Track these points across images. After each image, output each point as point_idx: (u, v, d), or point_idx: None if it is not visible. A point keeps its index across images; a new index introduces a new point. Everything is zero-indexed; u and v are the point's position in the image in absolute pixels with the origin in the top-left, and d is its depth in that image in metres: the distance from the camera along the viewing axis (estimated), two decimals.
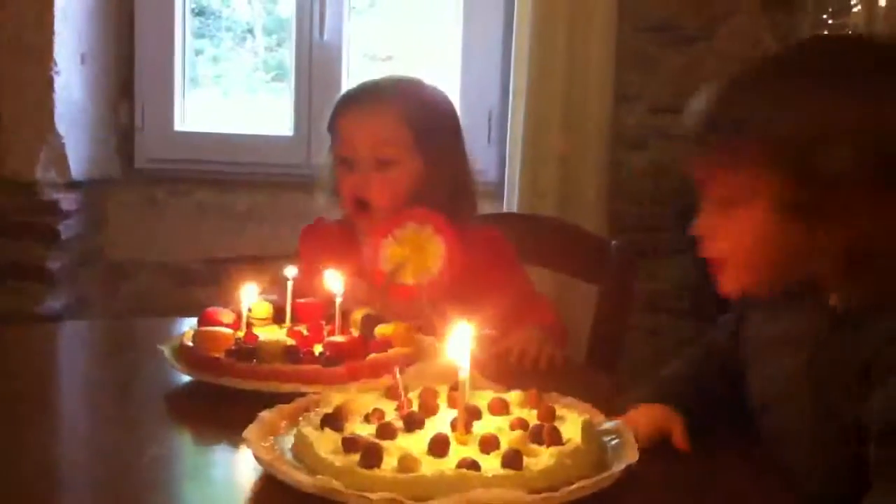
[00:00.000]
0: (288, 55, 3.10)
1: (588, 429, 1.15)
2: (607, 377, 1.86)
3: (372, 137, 1.82)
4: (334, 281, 1.57)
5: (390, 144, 1.82)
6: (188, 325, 1.60)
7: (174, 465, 1.24)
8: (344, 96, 1.93)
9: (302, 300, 1.62)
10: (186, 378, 1.46)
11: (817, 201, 1.09)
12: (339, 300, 1.55)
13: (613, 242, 2.03)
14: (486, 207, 2.75)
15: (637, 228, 2.95)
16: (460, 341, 1.14)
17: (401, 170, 1.82)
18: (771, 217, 1.12)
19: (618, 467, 1.09)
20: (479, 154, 2.93)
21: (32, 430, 1.31)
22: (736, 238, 1.17)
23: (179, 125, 3.06)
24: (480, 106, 2.98)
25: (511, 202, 2.77)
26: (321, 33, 2.97)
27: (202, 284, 3.04)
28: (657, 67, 2.93)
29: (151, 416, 1.40)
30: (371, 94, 1.88)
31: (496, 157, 2.97)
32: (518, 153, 2.75)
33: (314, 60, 2.99)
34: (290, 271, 1.61)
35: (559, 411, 1.24)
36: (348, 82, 2.97)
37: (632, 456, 1.12)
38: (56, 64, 2.66)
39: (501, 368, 1.54)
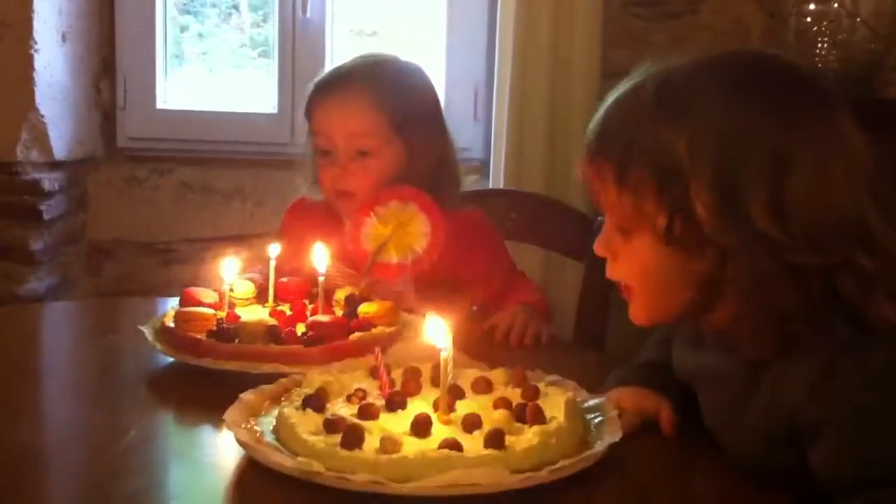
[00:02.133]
0: (273, 32, 3.06)
1: (571, 407, 1.14)
2: (595, 353, 1.86)
3: (348, 129, 1.77)
4: (319, 257, 1.55)
5: (367, 135, 1.78)
6: (170, 305, 1.59)
7: (156, 448, 1.23)
8: (316, 86, 1.87)
9: (285, 279, 1.61)
10: (168, 359, 1.45)
11: (688, 233, 1.05)
12: (321, 279, 1.54)
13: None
14: (471, 186, 2.75)
15: None
16: (440, 321, 1.13)
17: (380, 159, 1.78)
18: (656, 245, 1.09)
19: (601, 446, 1.09)
20: (466, 131, 2.95)
21: (12, 413, 1.30)
22: (635, 264, 1.13)
23: (162, 103, 3.03)
24: (466, 83, 2.96)
25: (497, 179, 2.75)
26: (304, 10, 2.93)
27: (185, 264, 3.01)
28: (643, 43, 2.91)
29: (133, 398, 1.38)
30: (344, 83, 1.82)
31: (482, 134, 2.95)
32: (504, 130, 2.73)
33: (298, 37, 2.95)
34: (273, 250, 1.59)
35: (543, 389, 1.24)
36: (333, 59, 2.94)
37: (615, 434, 1.12)
38: (36, 42, 2.62)
39: (487, 346, 1.54)
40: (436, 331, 1.12)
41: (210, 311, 1.48)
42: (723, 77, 1.08)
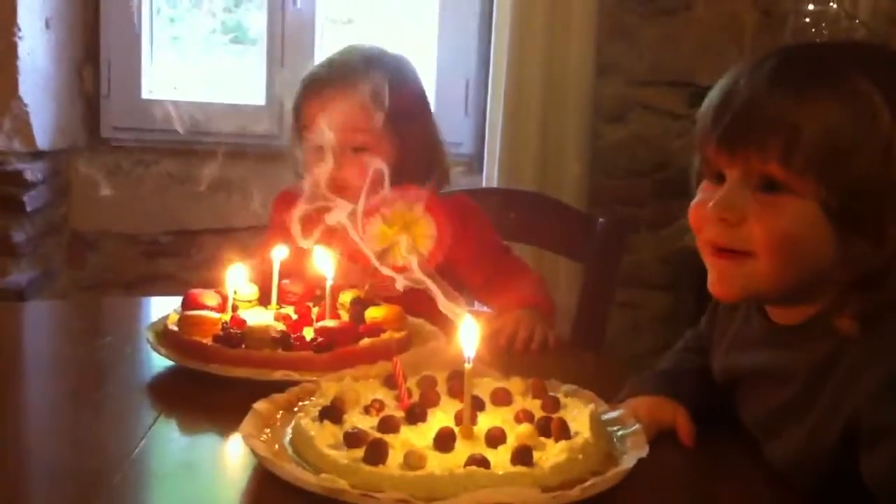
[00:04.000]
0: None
1: (596, 421, 1.12)
2: (594, 356, 1.83)
3: (342, 125, 1.73)
4: (324, 260, 1.51)
5: (362, 131, 1.77)
6: (161, 303, 1.55)
7: (165, 460, 1.19)
8: (308, 80, 1.85)
9: (286, 281, 1.57)
10: (166, 362, 1.40)
11: (864, 215, 1.03)
12: (329, 283, 1.50)
13: (601, 219, 2.00)
14: (462, 181, 2.72)
15: (614, 201, 2.93)
16: (466, 331, 1.10)
17: (373, 153, 1.76)
18: (817, 218, 1.04)
19: (629, 461, 1.07)
20: (456, 126, 2.92)
21: (4, 420, 1.25)
22: (775, 226, 1.06)
23: (147, 93, 2.96)
24: (457, 76, 2.93)
25: (490, 176, 2.72)
26: (294, 0, 2.89)
27: (170, 256, 2.97)
28: (636, 38, 2.89)
29: (135, 405, 1.34)
30: (337, 78, 1.80)
31: (473, 128, 2.92)
32: (498, 125, 2.70)
33: (287, 27, 2.90)
34: (279, 252, 1.55)
35: (562, 400, 1.21)
36: (322, 50, 2.90)
37: (642, 449, 1.09)
38: (20, 29, 2.56)
39: (493, 350, 1.51)
40: (463, 339, 1.09)
41: (215, 314, 1.44)
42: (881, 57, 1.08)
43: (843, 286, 1.06)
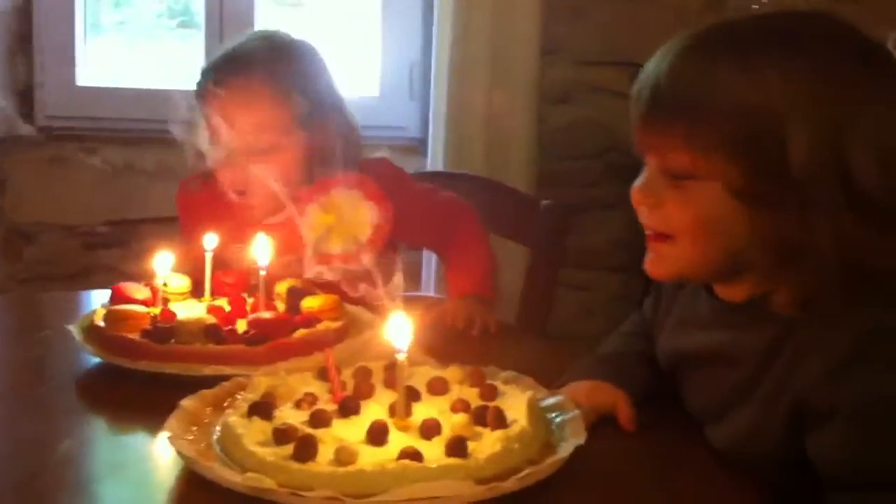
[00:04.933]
0: (193, 0, 2.94)
1: (533, 408, 1.10)
2: (541, 341, 1.81)
3: (248, 124, 1.63)
4: (261, 249, 1.47)
5: (268, 130, 1.65)
6: (101, 297, 1.50)
7: (89, 462, 1.15)
8: (211, 72, 1.70)
9: (220, 272, 1.53)
10: (99, 361, 1.36)
11: (771, 192, 1.01)
12: (262, 272, 1.46)
13: (544, 202, 1.97)
14: (408, 165, 2.68)
15: (563, 184, 2.90)
16: (398, 320, 1.07)
17: (282, 153, 1.66)
18: (724, 198, 1.04)
19: (565, 450, 1.04)
20: (401, 109, 2.88)
21: None
22: (690, 212, 1.07)
23: (82, 80, 2.89)
24: (402, 59, 2.88)
25: (436, 159, 2.69)
26: None
27: (110, 247, 2.90)
28: (583, 18, 2.86)
29: (63, 404, 1.30)
30: (244, 72, 1.66)
31: (418, 112, 2.88)
32: (442, 108, 2.67)
33: (225, 9, 2.84)
34: (210, 242, 1.50)
35: (500, 387, 1.19)
36: None
37: (580, 436, 1.07)
38: None
39: (434, 337, 1.48)
40: (395, 329, 1.06)
41: (143, 308, 1.39)
42: (798, 29, 1.05)
43: (766, 265, 1.05)
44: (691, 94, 1.03)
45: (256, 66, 1.66)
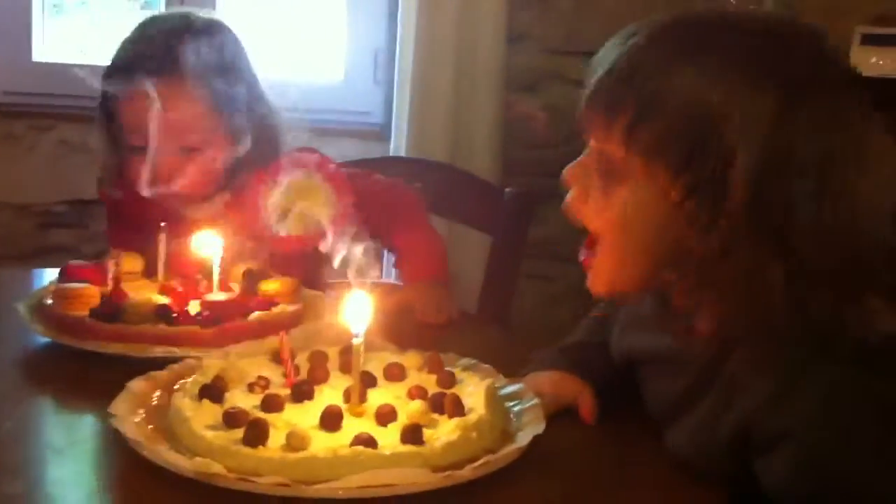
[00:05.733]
0: None
1: (492, 396, 1.07)
2: (501, 330, 1.79)
3: (171, 125, 1.50)
4: (209, 243, 1.42)
5: (195, 131, 1.54)
6: (51, 278, 1.45)
7: (34, 443, 1.11)
8: (117, 67, 1.58)
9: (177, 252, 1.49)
10: (46, 340, 1.32)
11: (702, 209, 0.94)
12: (218, 254, 1.42)
13: (507, 189, 1.95)
14: (372, 151, 2.65)
15: (528, 173, 2.88)
16: (356, 304, 1.04)
17: (209, 152, 1.56)
18: (653, 203, 0.98)
19: (524, 439, 1.02)
20: (365, 95, 2.85)
21: None
22: (614, 215, 1.01)
23: (39, 55, 2.82)
24: (366, 45, 2.85)
25: (398, 146, 2.66)
26: None
27: (65, 227, 2.85)
28: (551, 7, 2.84)
29: (7, 384, 1.25)
30: (158, 67, 1.51)
31: (382, 98, 2.84)
32: (406, 95, 2.63)
33: None
34: (165, 227, 1.46)
35: (459, 374, 1.17)
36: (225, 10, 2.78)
37: (538, 425, 1.05)
38: None
39: (394, 323, 1.45)
40: (353, 313, 1.03)
41: (93, 287, 1.35)
42: (767, 47, 0.96)
43: (685, 283, 1.00)
44: (642, 90, 0.97)
45: (172, 58, 1.52)
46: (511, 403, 1.12)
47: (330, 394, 1.09)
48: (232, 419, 0.99)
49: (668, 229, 0.98)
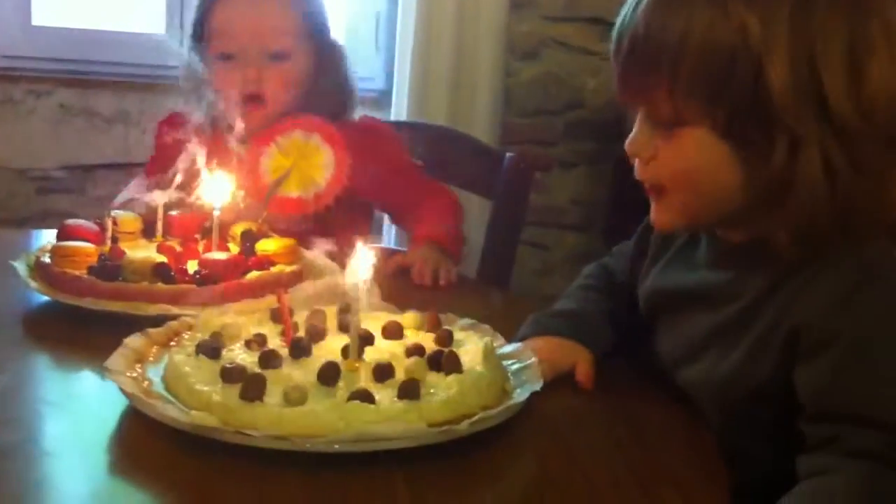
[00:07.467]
0: None
1: (489, 354, 1.07)
2: (501, 293, 1.79)
3: (262, 27, 1.64)
4: (219, 186, 1.42)
5: (283, 33, 1.66)
6: (47, 238, 1.45)
7: (31, 397, 1.11)
8: None
9: (174, 212, 1.48)
10: (44, 298, 1.31)
11: (756, 130, 0.98)
12: (217, 212, 1.41)
13: (508, 154, 1.94)
14: (372, 115, 2.64)
15: (527, 140, 2.88)
16: (356, 261, 1.04)
17: (294, 62, 1.67)
18: (712, 142, 1.01)
19: (521, 395, 1.02)
20: (366, 61, 2.83)
21: None
22: (681, 162, 1.04)
23: (38, 19, 2.80)
24: (367, 9, 2.83)
25: (399, 111, 2.65)
26: None
27: (64, 192, 2.84)
28: None
29: (5, 341, 1.25)
30: None
31: (383, 63, 2.83)
32: (407, 60, 2.62)
33: None
34: (163, 182, 1.46)
35: (457, 334, 1.16)
36: None
37: (536, 382, 1.05)
38: None
39: (395, 287, 1.45)
40: (351, 270, 1.03)
41: (91, 245, 1.34)
42: None
43: (761, 208, 1.03)
44: (668, 40, 1.00)
45: None
46: (509, 363, 1.12)
47: (328, 351, 1.08)
48: (229, 374, 0.99)
49: (732, 161, 1.01)
